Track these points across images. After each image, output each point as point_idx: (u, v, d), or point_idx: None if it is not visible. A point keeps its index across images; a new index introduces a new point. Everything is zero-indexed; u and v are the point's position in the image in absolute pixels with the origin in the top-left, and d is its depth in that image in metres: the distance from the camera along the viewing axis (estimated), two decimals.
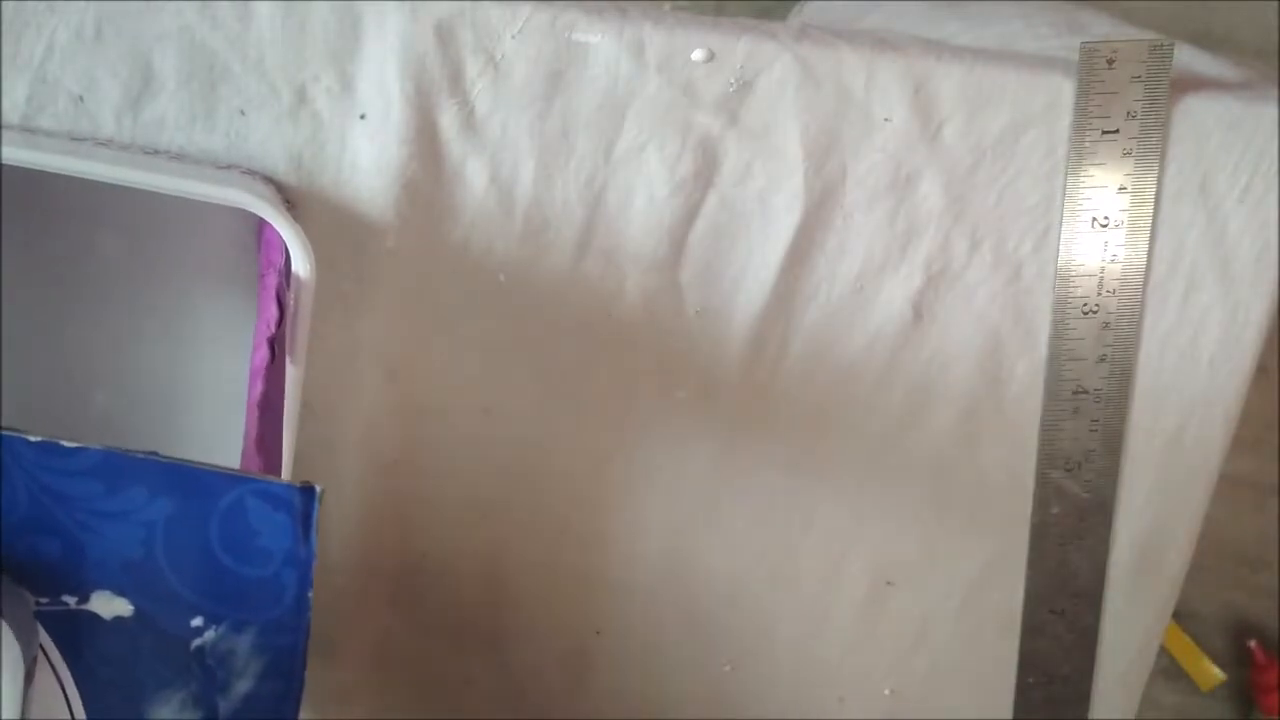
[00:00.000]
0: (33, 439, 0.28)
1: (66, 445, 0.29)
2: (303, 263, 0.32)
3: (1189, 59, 0.36)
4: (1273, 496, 0.82)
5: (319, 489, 0.29)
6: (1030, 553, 0.39)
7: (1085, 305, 0.36)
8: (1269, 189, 0.34)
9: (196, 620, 0.31)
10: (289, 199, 0.34)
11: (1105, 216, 0.35)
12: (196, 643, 0.31)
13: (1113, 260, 0.35)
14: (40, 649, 0.31)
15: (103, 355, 0.39)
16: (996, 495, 0.39)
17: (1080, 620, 0.39)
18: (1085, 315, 0.36)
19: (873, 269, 0.36)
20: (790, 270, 0.36)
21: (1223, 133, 0.34)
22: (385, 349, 0.37)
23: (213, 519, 0.30)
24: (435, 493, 0.40)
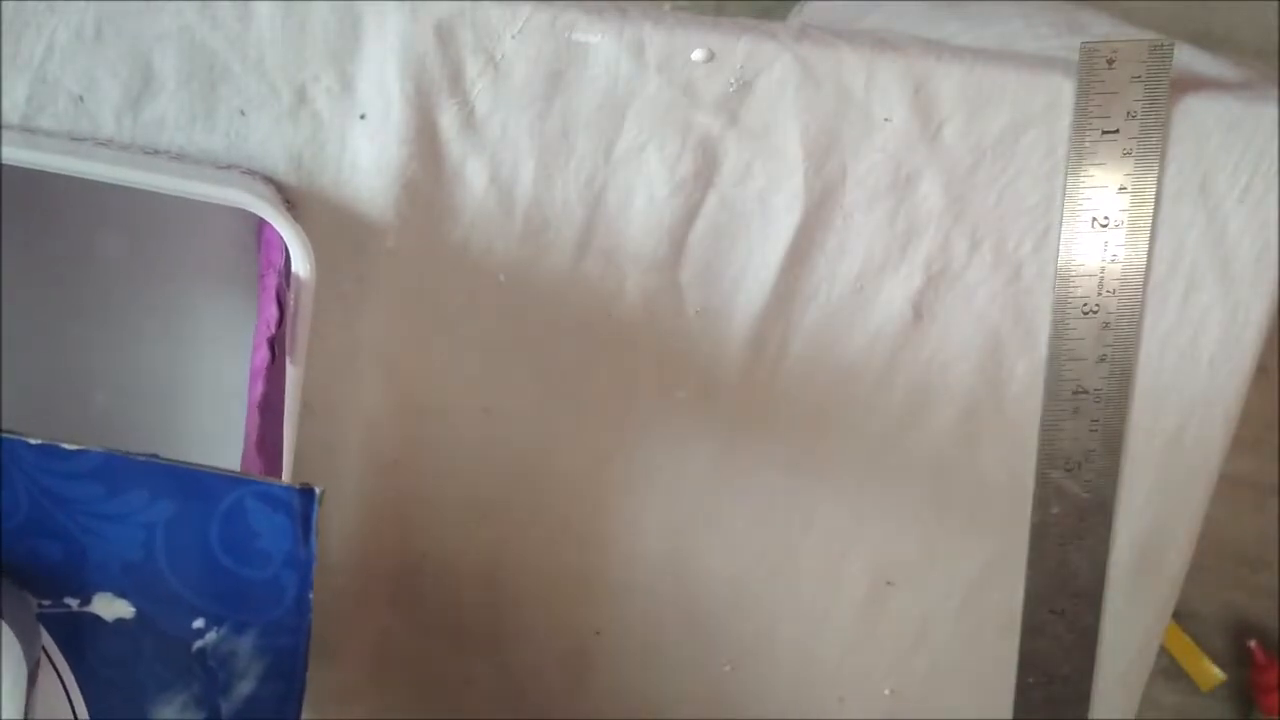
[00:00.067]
0: (33, 442, 0.28)
1: (67, 448, 0.29)
2: (303, 263, 0.32)
3: (1189, 59, 0.36)
4: (1273, 496, 0.82)
5: (319, 490, 0.29)
6: (1030, 553, 0.39)
7: (1085, 305, 0.36)
8: (1269, 189, 0.34)
9: (198, 622, 0.31)
10: (289, 199, 0.34)
11: (1105, 216, 0.35)
12: (198, 644, 0.31)
13: (1113, 260, 0.35)
14: (43, 651, 0.31)
15: (103, 355, 0.39)
16: (996, 495, 0.39)
17: (1080, 620, 0.39)
18: (1085, 315, 0.36)
19: (873, 269, 0.36)
20: (790, 270, 0.36)
21: (1223, 133, 0.34)
22: (385, 349, 0.37)
23: (213, 521, 0.30)
24: (435, 493, 0.40)
